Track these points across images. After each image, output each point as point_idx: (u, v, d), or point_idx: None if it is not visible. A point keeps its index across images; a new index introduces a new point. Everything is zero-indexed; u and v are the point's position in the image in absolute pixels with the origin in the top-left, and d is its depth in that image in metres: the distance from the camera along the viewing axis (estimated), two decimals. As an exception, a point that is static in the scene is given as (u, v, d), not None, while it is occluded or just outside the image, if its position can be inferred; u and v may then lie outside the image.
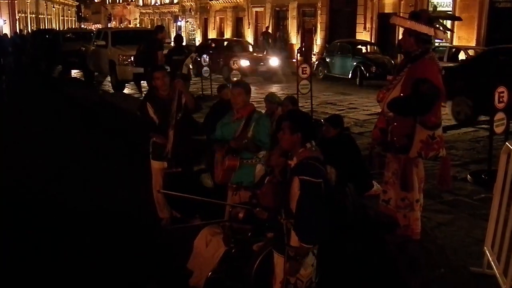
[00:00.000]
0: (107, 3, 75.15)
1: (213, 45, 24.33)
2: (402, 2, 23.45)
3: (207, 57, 16.50)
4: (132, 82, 16.91)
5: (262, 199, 4.15)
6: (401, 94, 4.71)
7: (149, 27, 42.24)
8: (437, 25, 4.87)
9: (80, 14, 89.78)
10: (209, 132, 6.87)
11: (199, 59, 16.23)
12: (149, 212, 6.27)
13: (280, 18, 33.64)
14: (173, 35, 38.70)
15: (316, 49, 28.19)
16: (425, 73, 4.59)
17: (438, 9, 22.28)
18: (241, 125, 5.25)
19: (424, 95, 4.51)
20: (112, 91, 17.58)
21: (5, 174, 8.20)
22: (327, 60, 21.39)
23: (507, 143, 4.50)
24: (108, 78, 18.68)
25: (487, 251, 4.54)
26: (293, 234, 3.62)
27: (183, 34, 38.64)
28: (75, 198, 7.07)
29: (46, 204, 6.84)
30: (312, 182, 3.50)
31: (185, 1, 46.71)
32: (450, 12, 21.57)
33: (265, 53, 24.68)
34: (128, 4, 66.00)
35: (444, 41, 20.15)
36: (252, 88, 6.04)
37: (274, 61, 21.02)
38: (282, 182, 3.90)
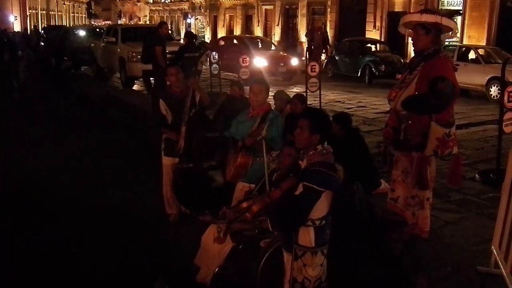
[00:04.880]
0: (117, 0, 75.33)
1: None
2: (412, 0, 23.38)
3: (216, 54, 16.50)
4: (141, 79, 16.98)
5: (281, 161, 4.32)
6: (416, 93, 4.70)
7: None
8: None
9: (91, 11, 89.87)
10: (221, 129, 6.91)
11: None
12: (157, 207, 6.31)
13: (289, 16, 33.62)
14: (182, 32, 38.80)
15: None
16: (442, 71, 4.58)
17: (449, 7, 22.26)
18: (256, 123, 5.27)
19: (441, 93, 4.49)
20: (121, 87, 17.65)
21: (15, 169, 8.27)
22: (337, 58, 21.36)
23: (515, 142, 4.49)
24: (118, 75, 18.75)
25: (494, 251, 4.53)
26: (302, 233, 3.63)
27: (193, 31, 38.67)
28: (83, 193, 7.12)
29: (55, 200, 6.90)
30: (314, 190, 3.51)
31: (195, -2, 46.80)
32: (461, 11, 21.57)
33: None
34: (138, 1, 66.11)
35: (454, 39, 20.17)
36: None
37: None
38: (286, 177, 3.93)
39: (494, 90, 14.96)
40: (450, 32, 4.88)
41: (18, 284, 4.98)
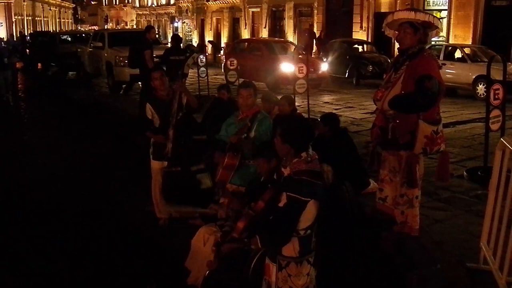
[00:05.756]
0: (104, 5, 75.05)
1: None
2: (398, 1, 23.53)
3: (204, 57, 16.52)
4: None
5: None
6: (402, 92, 4.73)
7: (146, 29, 42.17)
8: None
9: (77, 16, 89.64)
10: (209, 131, 6.91)
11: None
12: (147, 212, 6.29)
13: (276, 18, 33.68)
14: (169, 36, 38.69)
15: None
16: (428, 70, 4.61)
17: (434, 7, 22.44)
18: (247, 124, 5.30)
19: (428, 91, 4.52)
20: (109, 92, 17.60)
21: (6, 174, 8.23)
22: (324, 59, 21.37)
23: (502, 139, 4.53)
24: (105, 79, 18.70)
25: (483, 247, 4.57)
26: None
27: (180, 35, 38.56)
28: (73, 198, 7.10)
29: (45, 204, 6.88)
30: (298, 200, 3.36)
31: (181, 2, 46.71)
32: (445, 11, 21.75)
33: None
34: (125, 6, 65.92)
35: (440, 38, 20.34)
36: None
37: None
38: (268, 184, 3.89)
39: (480, 89, 15.06)
40: (435, 31, 4.92)
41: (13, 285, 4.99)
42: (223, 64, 20.33)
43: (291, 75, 16.70)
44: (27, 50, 29.05)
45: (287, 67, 16.53)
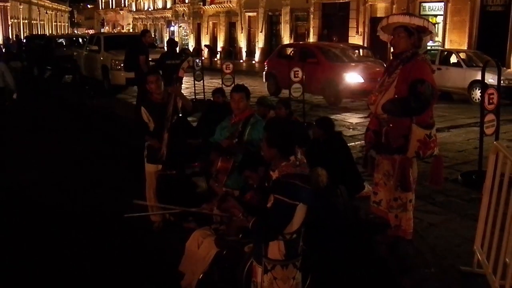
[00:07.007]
0: (100, 8, 75.12)
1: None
2: (394, 6, 23.62)
3: (200, 61, 16.55)
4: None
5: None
6: (395, 96, 4.74)
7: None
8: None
9: (73, 19, 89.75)
10: (204, 135, 6.92)
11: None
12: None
13: (273, 23, 33.75)
14: (166, 40, 38.73)
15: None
16: (421, 74, 4.63)
17: (430, 13, 22.52)
18: (238, 128, 5.31)
19: (422, 95, 4.55)
20: (105, 95, 17.59)
21: (3, 178, 8.21)
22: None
23: (495, 143, 4.55)
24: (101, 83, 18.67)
25: (477, 251, 4.58)
26: (271, 246, 3.50)
27: (176, 39, 38.57)
28: (68, 200, 7.10)
29: (40, 207, 6.87)
30: (285, 203, 3.35)
31: (178, 6, 46.77)
32: (441, 16, 21.84)
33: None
34: (121, 10, 65.95)
35: (436, 43, 20.43)
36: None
37: None
38: (260, 189, 3.91)
39: (476, 93, 15.11)
40: (429, 36, 4.94)
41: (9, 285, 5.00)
42: (264, 74, 18.44)
43: (356, 87, 13.98)
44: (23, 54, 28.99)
45: (351, 77, 14.47)
